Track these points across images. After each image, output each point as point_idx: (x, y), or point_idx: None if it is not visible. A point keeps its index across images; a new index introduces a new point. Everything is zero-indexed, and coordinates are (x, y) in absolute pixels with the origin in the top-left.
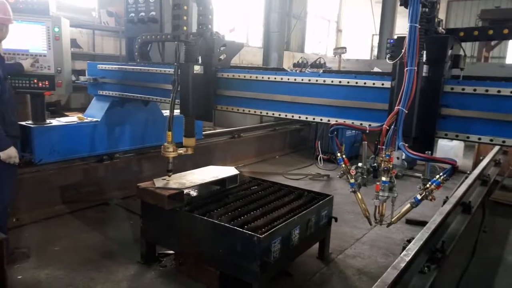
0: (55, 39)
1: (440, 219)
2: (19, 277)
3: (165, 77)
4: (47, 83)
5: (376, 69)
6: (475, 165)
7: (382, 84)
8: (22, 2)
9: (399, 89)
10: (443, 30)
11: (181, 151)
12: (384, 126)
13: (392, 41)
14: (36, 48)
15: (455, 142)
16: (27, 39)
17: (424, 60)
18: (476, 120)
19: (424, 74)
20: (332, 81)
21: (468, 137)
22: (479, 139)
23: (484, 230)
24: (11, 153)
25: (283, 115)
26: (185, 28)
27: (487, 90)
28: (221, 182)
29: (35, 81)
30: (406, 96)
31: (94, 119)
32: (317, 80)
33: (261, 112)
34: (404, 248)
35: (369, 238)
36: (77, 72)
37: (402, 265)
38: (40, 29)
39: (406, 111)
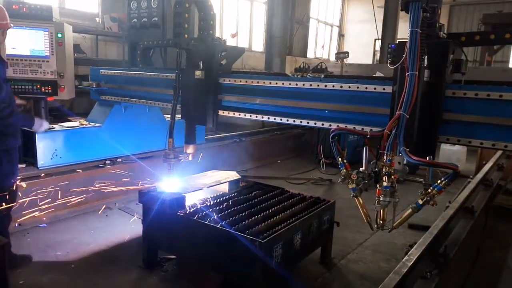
0: (58, 45)
1: (442, 223)
2: (21, 281)
3: (167, 82)
4: (49, 88)
5: (378, 74)
6: (478, 169)
7: (384, 89)
8: (25, 8)
9: (400, 94)
10: (444, 35)
11: (181, 157)
12: (385, 131)
13: (393, 46)
14: (39, 53)
15: (457, 147)
16: (30, 45)
17: (425, 65)
18: (478, 124)
19: (425, 79)
20: (333, 86)
21: (470, 142)
22: (481, 143)
23: (487, 235)
24: (43, 123)
25: (284, 120)
26: (186, 36)
27: (488, 95)
28: (223, 186)
29: (38, 86)
30: (407, 101)
31: (97, 124)
32: (318, 85)
33: (262, 117)
34: (406, 253)
35: (371, 243)
36: (80, 78)
37: (404, 270)
38: (43, 35)
39: (408, 116)
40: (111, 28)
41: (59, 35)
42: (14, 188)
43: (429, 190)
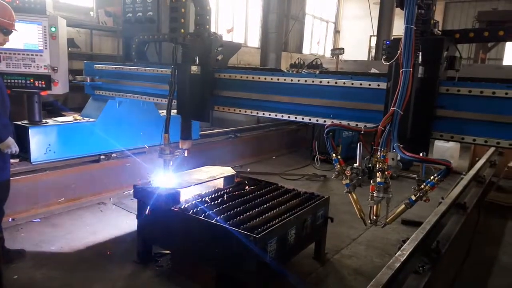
0: (52, 39)
1: (435, 219)
2: (15, 276)
3: (162, 77)
4: (43, 82)
5: (373, 70)
6: (471, 166)
7: (378, 85)
8: (18, 1)
9: (394, 90)
10: (439, 32)
11: (177, 153)
12: (379, 127)
13: (388, 42)
14: (32, 47)
15: (451, 143)
16: (23, 38)
17: (419, 61)
18: (471, 121)
19: (419, 75)
20: (328, 82)
21: (463, 138)
22: (474, 140)
23: (479, 231)
24: (9, 143)
25: (279, 116)
26: (182, 31)
27: (482, 92)
28: (218, 182)
29: (31, 80)
30: (401, 97)
31: (91, 119)
32: (313, 81)
33: (257, 113)
34: (399, 249)
35: (365, 238)
36: (74, 72)
37: (397, 265)
38: (37, 28)
39: (401, 112)
40: (105, 22)
41: (53, 29)
42: (6, 182)
43: (422, 186)
